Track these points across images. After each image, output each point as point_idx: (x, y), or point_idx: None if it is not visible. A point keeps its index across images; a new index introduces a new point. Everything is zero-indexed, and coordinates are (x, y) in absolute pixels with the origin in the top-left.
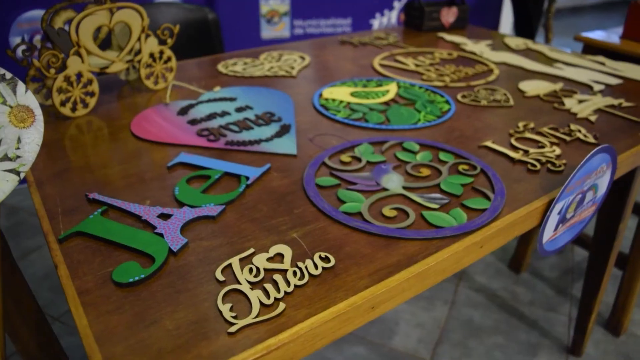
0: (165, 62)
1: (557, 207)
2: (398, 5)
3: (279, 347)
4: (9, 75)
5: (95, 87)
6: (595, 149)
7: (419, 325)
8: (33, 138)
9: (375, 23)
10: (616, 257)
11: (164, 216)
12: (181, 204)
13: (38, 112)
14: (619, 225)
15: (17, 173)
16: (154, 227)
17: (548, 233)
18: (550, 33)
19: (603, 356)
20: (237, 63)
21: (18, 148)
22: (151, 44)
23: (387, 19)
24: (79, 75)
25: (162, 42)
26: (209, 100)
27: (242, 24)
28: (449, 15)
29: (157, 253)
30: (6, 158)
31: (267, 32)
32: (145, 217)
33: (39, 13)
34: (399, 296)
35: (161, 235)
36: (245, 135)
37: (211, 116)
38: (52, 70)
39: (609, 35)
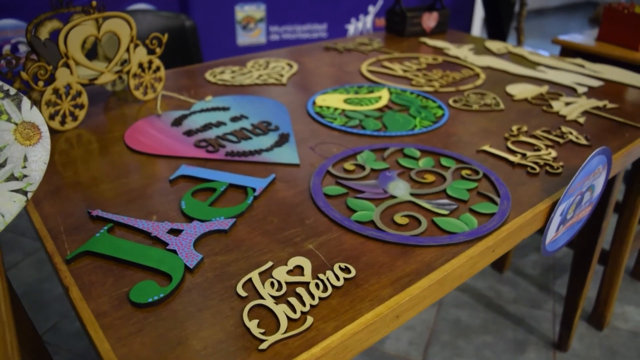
0: (154, 71)
1: (560, 209)
2: (373, 10)
3: None
4: (13, 90)
5: (84, 99)
6: (595, 151)
7: (408, 327)
8: (40, 156)
9: (351, 28)
10: None
11: (174, 232)
12: (190, 219)
13: (44, 128)
14: (602, 224)
15: (25, 193)
16: (166, 244)
17: (551, 234)
18: (522, 36)
19: (588, 350)
20: (224, 71)
21: (24, 167)
22: (140, 54)
23: (363, 24)
24: (68, 87)
25: (150, 52)
26: (202, 110)
27: (218, 31)
28: (430, 20)
29: (173, 270)
30: (12, 177)
31: (243, 38)
32: (155, 233)
33: (9, 22)
34: (420, 304)
35: (174, 251)
36: (245, 146)
37: (207, 126)
38: (41, 83)
39: (585, 37)
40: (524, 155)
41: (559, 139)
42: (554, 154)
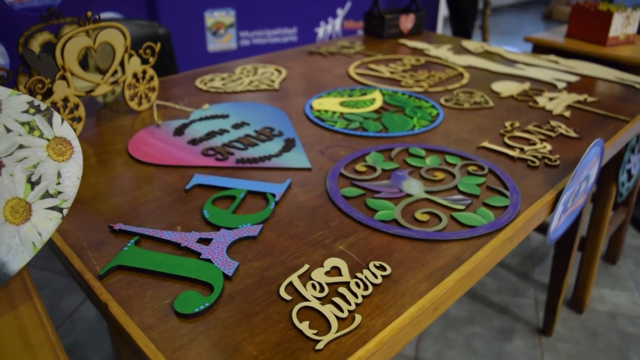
0: (148, 81)
1: (563, 199)
2: (341, 12)
3: (368, 358)
4: (43, 105)
5: (81, 111)
6: (592, 144)
7: None
8: (73, 171)
9: (320, 31)
10: None
11: (203, 241)
12: (215, 227)
13: (75, 143)
14: (582, 213)
15: (60, 210)
16: (198, 254)
17: (554, 223)
18: (487, 34)
19: (571, 333)
20: (214, 79)
21: (59, 183)
22: (134, 64)
23: (332, 27)
24: (65, 101)
25: (144, 62)
26: (202, 119)
27: (188, 38)
28: (407, 22)
29: (213, 279)
30: (47, 195)
31: (214, 44)
32: (185, 243)
33: None
34: (454, 295)
35: (208, 260)
36: (253, 152)
37: (210, 135)
38: (39, 97)
39: (555, 35)
40: (522, 149)
41: (550, 132)
42: (549, 147)
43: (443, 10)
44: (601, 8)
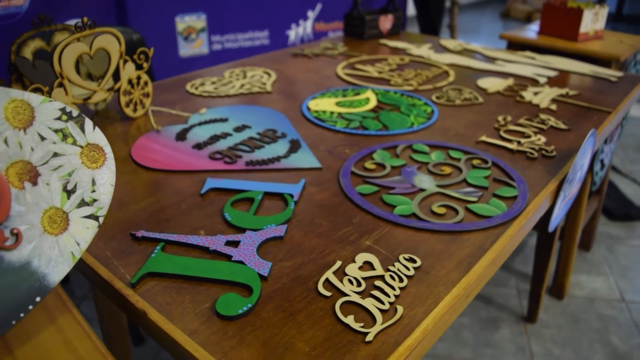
0: (143, 87)
1: (564, 187)
2: (312, 15)
3: (416, 346)
4: (75, 112)
5: None
6: (588, 134)
7: None
8: (107, 178)
9: (292, 34)
10: None
11: (230, 243)
12: (239, 229)
13: (108, 149)
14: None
15: (96, 218)
16: (228, 256)
17: (556, 211)
18: (455, 33)
19: (554, 318)
20: (204, 83)
21: (93, 191)
22: (129, 70)
23: (303, 29)
24: None
25: (138, 67)
26: (201, 123)
27: (159, 43)
28: (386, 22)
29: (249, 281)
30: (84, 203)
31: (185, 49)
32: (213, 247)
33: None
34: (482, 282)
35: (240, 262)
36: (260, 154)
37: (214, 138)
38: None
39: (528, 32)
40: (519, 142)
41: (542, 125)
42: (543, 139)
43: (411, 10)
44: (570, 5)
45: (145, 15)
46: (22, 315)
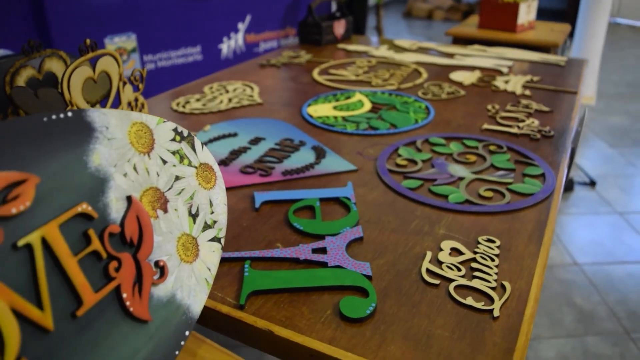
0: (140, 109)
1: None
2: (242, 27)
3: (532, 315)
4: (185, 131)
5: None
6: (582, 109)
7: None
8: (220, 198)
9: (224, 47)
10: None
11: (316, 251)
12: (313, 237)
13: (216, 167)
14: None
15: (219, 240)
16: (323, 263)
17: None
18: (382, 34)
19: None
20: (189, 100)
21: (212, 212)
22: (128, 92)
23: (235, 42)
24: None
25: (134, 89)
26: (212, 140)
27: None
28: (339, 27)
29: (358, 282)
30: (207, 226)
31: None
32: (303, 257)
33: None
34: (547, 253)
35: (339, 267)
36: (291, 163)
37: (234, 153)
38: None
39: (469, 27)
40: (518, 127)
41: (528, 110)
42: (536, 122)
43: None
44: (507, 0)
45: (71, 39)
46: (177, 353)
